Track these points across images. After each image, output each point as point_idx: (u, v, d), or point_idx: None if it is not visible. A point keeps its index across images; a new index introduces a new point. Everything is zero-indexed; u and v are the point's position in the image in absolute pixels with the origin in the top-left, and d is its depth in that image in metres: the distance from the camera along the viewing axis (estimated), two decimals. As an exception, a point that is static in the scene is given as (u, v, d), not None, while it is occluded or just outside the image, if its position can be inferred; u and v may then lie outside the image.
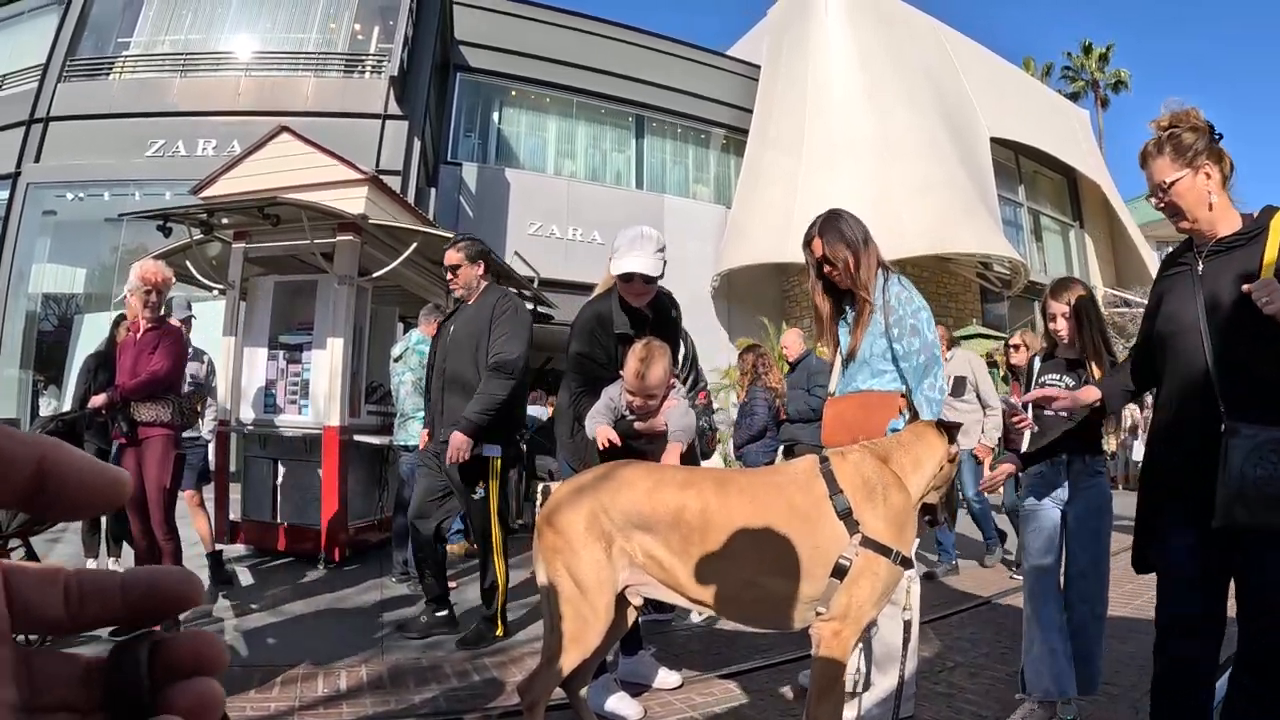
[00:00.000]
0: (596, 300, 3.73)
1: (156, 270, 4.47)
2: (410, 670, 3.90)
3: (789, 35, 18.06)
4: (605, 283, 3.74)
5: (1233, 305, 2.17)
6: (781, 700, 3.57)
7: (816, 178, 15.99)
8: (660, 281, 3.70)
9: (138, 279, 4.41)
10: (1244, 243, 2.23)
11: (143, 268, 4.46)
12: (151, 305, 4.46)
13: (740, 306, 16.91)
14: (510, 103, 16.97)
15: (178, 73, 14.17)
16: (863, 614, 2.45)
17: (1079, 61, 36.20)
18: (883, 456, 2.63)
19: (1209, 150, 2.26)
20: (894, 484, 2.55)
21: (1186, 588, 2.31)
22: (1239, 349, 2.18)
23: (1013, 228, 19.31)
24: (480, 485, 4.42)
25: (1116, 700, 3.50)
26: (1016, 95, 20.23)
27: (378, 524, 7.31)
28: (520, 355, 4.38)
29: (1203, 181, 2.26)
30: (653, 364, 3.18)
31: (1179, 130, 2.29)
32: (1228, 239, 2.26)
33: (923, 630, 4.76)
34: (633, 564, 2.67)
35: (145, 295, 4.42)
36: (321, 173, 7.11)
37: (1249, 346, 2.15)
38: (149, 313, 4.47)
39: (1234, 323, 2.18)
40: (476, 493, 4.42)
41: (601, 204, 16.58)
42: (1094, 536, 3.27)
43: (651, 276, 3.52)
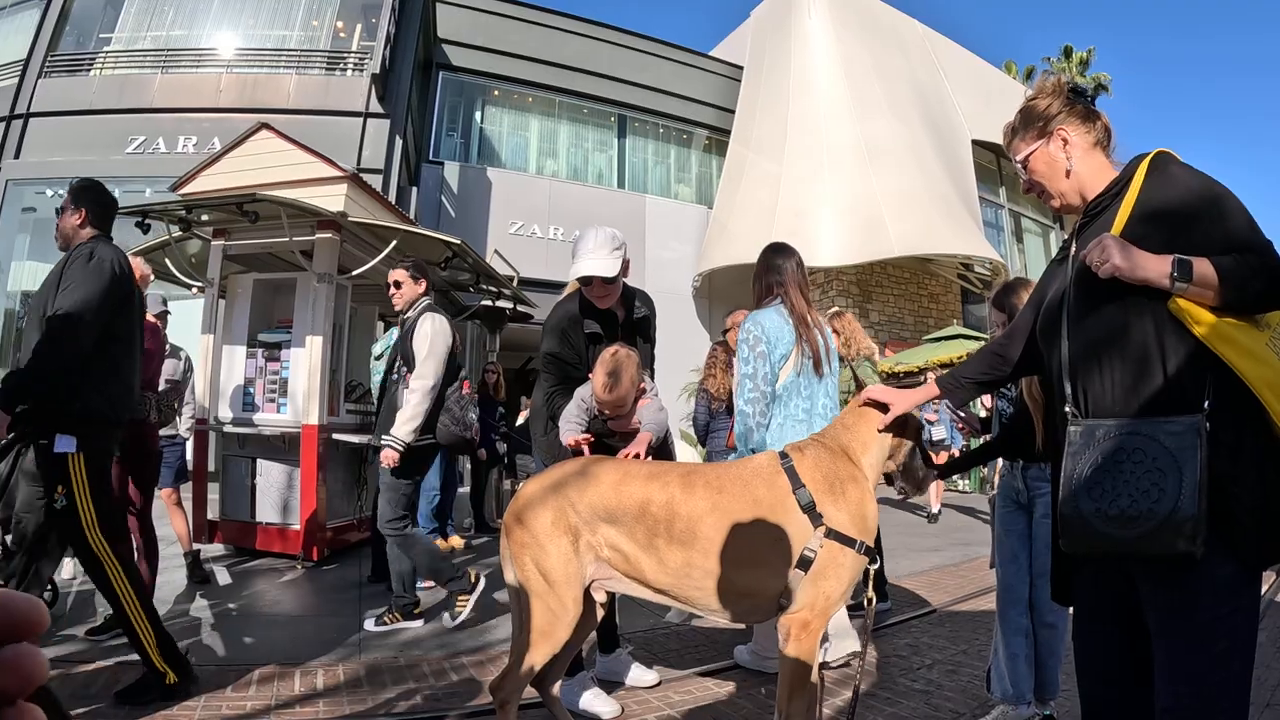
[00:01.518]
0: (567, 299, 3.70)
1: (135, 266, 4.44)
2: (387, 669, 3.90)
3: (772, 36, 18.12)
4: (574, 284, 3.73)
5: (1089, 280, 1.87)
6: (757, 698, 3.59)
7: (798, 179, 16.07)
8: (636, 280, 3.69)
9: None
10: (1108, 202, 1.96)
11: None
12: None
13: (721, 306, 16.94)
14: (493, 102, 16.95)
15: (159, 69, 14.10)
16: (830, 605, 2.47)
17: (1060, 66, 36.40)
18: (836, 447, 2.65)
19: (1067, 113, 2.02)
20: (852, 475, 2.57)
21: (1090, 633, 2.01)
22: (1092, 332, 1.88)
23: (994, 229, 19.44)
24: (59, 492, 3.27)
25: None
26: (998, 98, 20.33)
27: (357, 523, 7.30)
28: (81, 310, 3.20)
29: (1057, 148, 2.02)
30: (621, 376, 3.17)
31: (1031, 104, 2.10)
32: (1093, 203, 2.00)
33: (903, 627, 4.82)
34: (598, 558, 2.69)
35: None
36: (301, 170, 7.09)
37: (1103, 324, 1.86)
38: None
39: (1089, 301, 1.90)
40: (56, 501, 3.26)
41: (583, 203, 16.60)
42: (1046, 545, 3.09)
43: (609, 277, 3.42)
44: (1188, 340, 1.71)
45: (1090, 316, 1.89)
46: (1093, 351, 1.87)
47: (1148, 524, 1.65)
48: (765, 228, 15.95)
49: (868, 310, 16.71)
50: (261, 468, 6.81)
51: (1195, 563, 1.63)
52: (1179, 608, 1.69)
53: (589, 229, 3.49)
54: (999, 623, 3.30)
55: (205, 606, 5.05)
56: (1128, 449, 1.71)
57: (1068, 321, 1.94)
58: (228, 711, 3.25)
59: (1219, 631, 1.66)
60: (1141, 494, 1.66)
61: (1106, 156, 2.03)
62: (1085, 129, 2.02)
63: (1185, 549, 1.61)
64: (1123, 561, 1.81)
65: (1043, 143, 2.04)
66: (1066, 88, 2.06)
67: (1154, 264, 1.71)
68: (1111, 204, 1.93)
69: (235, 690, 3.50)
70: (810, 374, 3.77)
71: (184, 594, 5.33)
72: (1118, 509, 1.69)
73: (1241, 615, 1.69)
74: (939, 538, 8.38)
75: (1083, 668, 2.03)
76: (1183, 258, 1.69)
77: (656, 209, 17.59)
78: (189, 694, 3.37)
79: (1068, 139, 2.01)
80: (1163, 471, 1.65)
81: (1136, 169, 1.91)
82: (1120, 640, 1.90)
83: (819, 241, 15.43)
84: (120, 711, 3.20)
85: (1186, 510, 1.60)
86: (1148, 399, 1.74)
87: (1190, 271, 1.67)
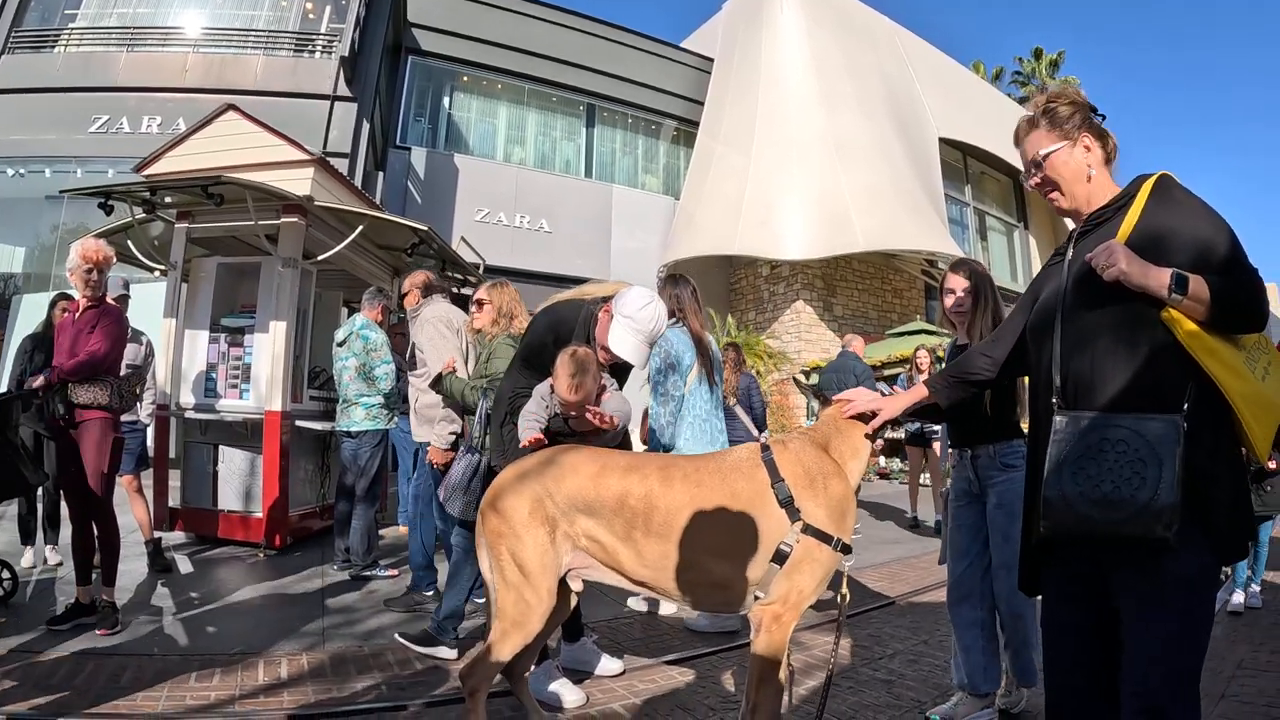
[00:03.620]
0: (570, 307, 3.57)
1: (98, 248, 4.36)
2: (352, 658, 3.88)
3: (743, 30, 18.13)
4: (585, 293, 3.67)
5: (1088, 282, 1.99)
6: (722, 687, 3.63)
7: (766, 172, 16.11)
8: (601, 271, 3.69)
9: (78, 257, 4.29)
10: (1110, 215, 2.07)
11: (83, 246, 4.35)
12: (92, 284, 4.34)
13: (687, 297, 16.93)
14: (461, 88, 16.80)
15: (124, 47, 13.75)
16: (803, 599, 2.51)
17: (1029, 67, 36.94)
18: (823, 444, 2.69)
19: (1087, 125, 2.13)
20: (834, 472, 2.60)
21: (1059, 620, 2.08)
22: (1085, 329, 1.99)
23: (958, 227, 19.63)
24: None
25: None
26: (966, 97, 20.54)
27: (319, 511, 7.24)
28: None
29: (1081, 154, 2.12)
30: (585, 377, 3.16)
31: (1055, 105, 2.17)
32: (1095, 214, 2.12)
33: (864, 618, 4.89)
34: (575, 548, 2.71)
35: (86, 274, 4.30)
36: (267, 153, 6.98)
37: (1097, 324, 1.97)
38: (89, 292, 4.35)
39: (1085, 301, 2.01)
40: None
41: (550, 192, 16.53)
42: (1004, 536, 3.13)
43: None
44: (1174, 347, 1.84)
45: (1084, 315, 2.00)
46: (1084, 348, 1.98)
47: (1128, 509, 1.76)
48: (732, 220, 16.02)
49: (832, 304, 16.84)
50: (224, 454, 6.71)
51: (1171, 549, 1.74)
52: (1155, 594, 1.80)
53: (651, 304, 3.37)
54: (950, 618, 3.36)
55: (167, 595, 4.99)
56: (1111, 439, 1.81)
57: (1061, 319, 2.05)
58: (192, 702, 3.22)
59: (1190, 618, 1.79)
60: (1124, 481, 1.77)
61: (1110, 174, 2.16)
62: (1100, 144, 2.14)
63: (1161, 534, 1.72)
64: (1097, 550, 1.90)
65: (1067, 144, 2.13)
66: (1086, 103, 2.16)
67: (1155, 275, 1.83)
68: (1114, 217, 2.04)
69: (199, 680, 3.47)
70: (706, 383, 4.55)
71: (145, 583, 5.26)
72: (1101, 493, 1.79)
73: (1208, 605, 1.84)
74: (898, 530, 8.49)
75: (1050, 656, 2.10)
76: (1181, 272, 1.82)
77: (623, 199, 17.55)
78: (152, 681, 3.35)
79: (1089, 147, 2.12)
80: (1144, 462, 1.76)
81: (1141, 187, 2.03)
82: (1088, 627, 1.99)
83: (785, 234, 15.51)
84: (82, 702, 3.16)
85: (1165, 499, 1.72)
86: (1133, 396, 1.85)
87: (1187, 286, 1.80)
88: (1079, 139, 2.12)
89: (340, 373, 5.92)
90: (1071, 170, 2.13)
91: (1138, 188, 2.05)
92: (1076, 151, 2.12)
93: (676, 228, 17.26)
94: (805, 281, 16.53)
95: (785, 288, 16.83)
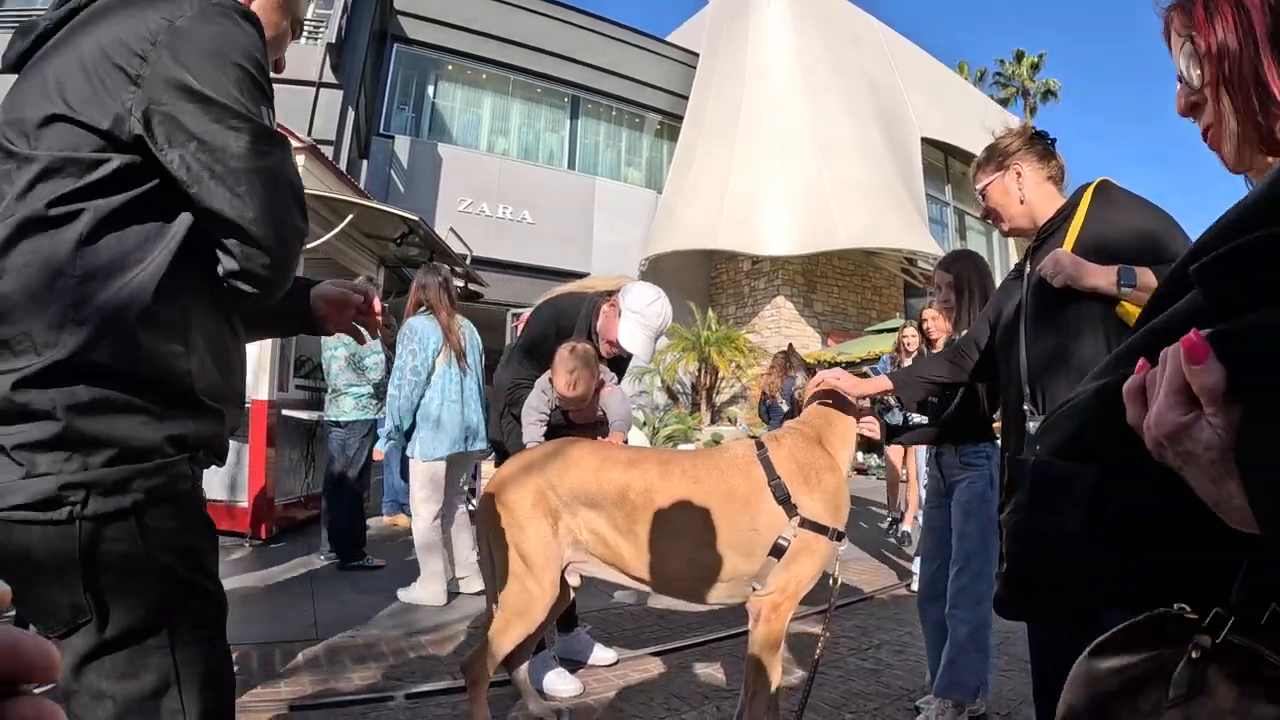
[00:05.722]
0: (571, 301, 3.62)
1: None
2: (346, 649, 3.90)
3: (729, 25, 18.14)
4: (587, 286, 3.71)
5: (1044, 292, 2.12)
6: (714, 676, 3.68)
7: (749, 168, 16.16)
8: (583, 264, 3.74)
9: None
10: (1057, 226, 2.25)
11: None
12: None
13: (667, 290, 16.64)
14: (446, 77, 16.72)
15: None
16: (801, 588, 2.57)
17: (1010, 69, 37.25)
18: (814, 437, 2.75)
19: (1026, 150, 2.32)
20: (827, 465, 2.67)
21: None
22: (1048, 337, 2.14)
23: (938, 225, 19.79)
24: None
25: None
26: (949, 97, 20.67)
27: (305, 501, 7.22)
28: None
29: (1011, 179, 2.32)
30: (583, 373, 3.19)
31: (995, 143, 2.40)
32: (1043, 227, 2.30)
33: (850, 609, 4.96)
34: (576, 541, 2.75)
35: None
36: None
37: (1059, 329, 2.11)
38: None
39: (1044, 310, 2.15)
40: None
41: (533, 183, 16.49)
42: (959, 534, 3.13)
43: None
44: None
45: (1046, 324, 2.14)
46: (1049, 355, 2.12)
47: None
48: (714, 215, 16.06)
49: (812, 300, 16.95)
50: (208, 442, 6.66)
51: None
52: None
53: (657, 301, 3.44)
54: (920, 618, 3.43)
55: (153, 582, 4.97)
56: None
57: (1025, 330, 2.20)
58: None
59: None
60: None
61: (1058, 190, 2.34)
62: (1040, 165, 2.32)
63: None
64: None
65: (1000, 174, 2.35)
66: (1030, 131, 2.36)
67: (1101, 273, 1.97)
68: (1061, 227, 2.22)
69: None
70: (456, 366, 4.87)
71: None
72: None
73: None
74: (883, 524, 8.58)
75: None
76: (1126, 266, 1.95)
77: (606, 191, 17.53)
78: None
79: (1021, 172, 2.31)
80: None
81: (1082, 196, 2.20)
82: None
83: (767, 230, 15.57)
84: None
85: None
86: None
87: (1134, 277, 1.93)
88: (1011, 166, 2.32)
89: (329, 362, 5.91)
90: (1005, 195, 2.35)
91: (1079, 197, 2.22)
92: (1008, 178, 2.33)
93: (658, 221, 17.28)
94: (786, 277, 16.61)
95: (766, 283, 16.91)
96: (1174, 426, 0.55)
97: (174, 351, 1.23)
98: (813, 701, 3.27)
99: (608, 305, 3.45)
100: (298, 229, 1.32)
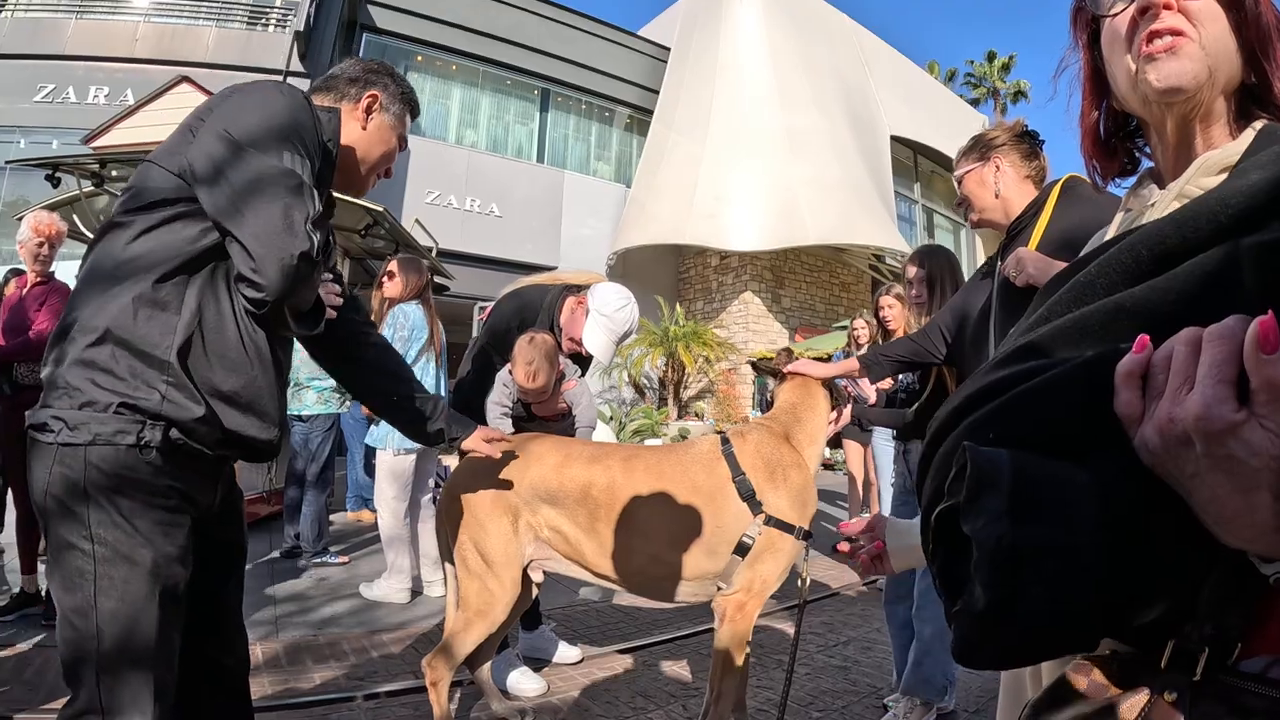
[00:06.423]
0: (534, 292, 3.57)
1: (51, 222, 4.20)
2: (307, 648, 3.83)
3: (701, 20, 18.10)
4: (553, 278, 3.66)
5: (1010, 291, 2.12)
6: (680, 674, 3.66)
7: (719, 163, 16.15)
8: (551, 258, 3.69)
9: (30, 230, 4.12)
10: (1026, 223, 2.27)
11: (35, 219, 4.19)
12: (42, 259, 4.16)
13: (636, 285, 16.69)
14: (415, 68, 16.51)
15: (74, 14, 13.25)
16: (766, 588, 2.54)
17: (981, 70, 37.57)
18: (781, 434, 2.72)
19: (1011, 145, 2.34)
20: (794, 462, 2.64)
21: None
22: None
23: (906, 223, 19.91)
24: None
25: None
26: (919, 97, 20.80)
27: (267, 496, 7.10)
28: None
29: (990, 171, 2.34)
30: (542, 365, 3.15)
31: (981, 135, 2.43)
32: (1013, 224, 2.32)
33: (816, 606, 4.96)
34: (538, 538, 2.71)
35: (36, 248, 4.13)
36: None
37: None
38: (39, 267, 4.18)
39: (1010, 309, 2.13)
40: None
41: (501, 176, 16.35)
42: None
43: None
44: None
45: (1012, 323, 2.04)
46: None
47: None
48: (683, 210, 16.03)
49: (780, 296, 16.98)
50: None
51: None
52: None
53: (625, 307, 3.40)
54: (885, 616, 3.43)
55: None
56: None
57: (994, 328, 2.18)
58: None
59: None
60: None
61: (1036, 190, 2.33)
62: (1021, 163, 2.33)
63: None
64: None
65: (979, 165, 2.36)
66: (1020, 129, 2.36)
67: None
68: (1029, 224, 2.23)
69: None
70: (434, 363, 4.88)
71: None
72: None
73: None
74: (845, 521, 8.62)
75: None
76: None
77: (575, 185, 17.43)
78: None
79: (1000, 166, 2.32)
80: None
81: (1050, 193, 2.21)
82: None
83: (735, 226, 15.57)
84: (35, 697, 3.07)
85: None
86: None
87: None
88: (992, 159, 2.34)
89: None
90: (980, 186, 2.37)
91: (1047, 194, 2.23)
92: (986, 170, 2.35)
93: (627, 215, 17.22)
94: (754, 273, 16.63)
95: (734, 278, 16.91)
96: (1225, 424, 0.48)
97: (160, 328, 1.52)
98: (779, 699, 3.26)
99: (574, 301, 3.40)
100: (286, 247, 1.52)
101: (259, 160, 1.52)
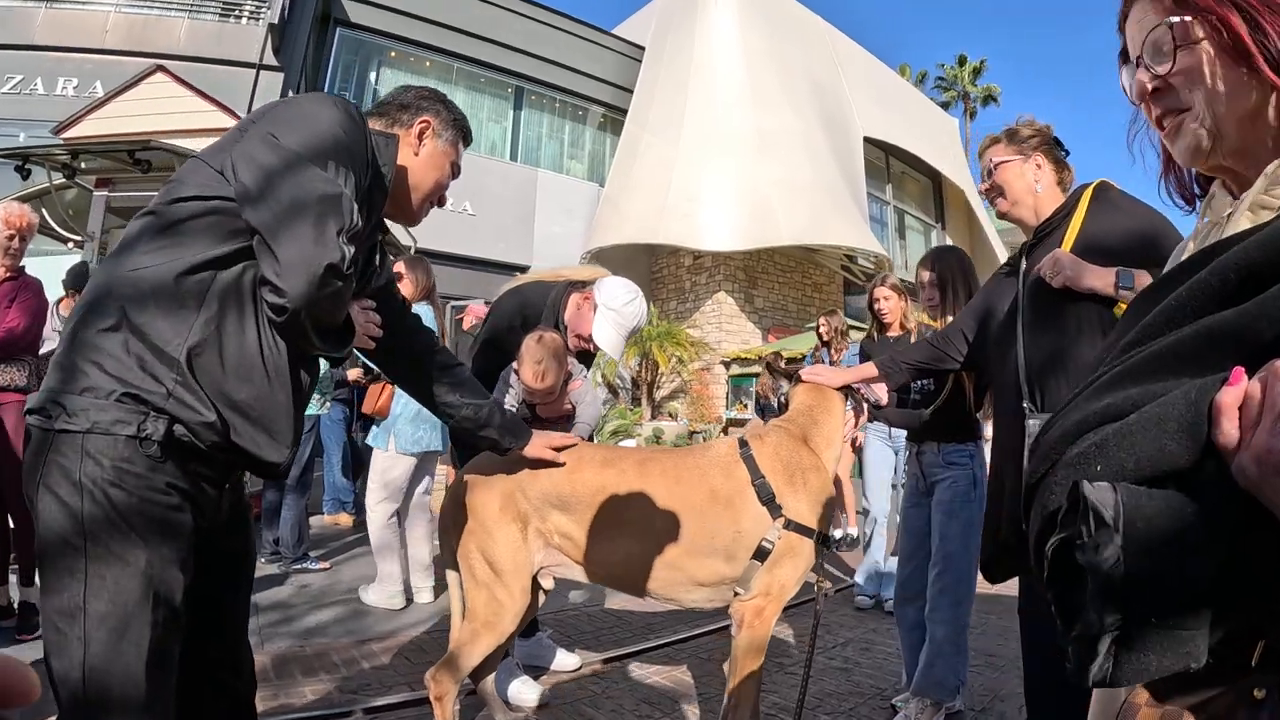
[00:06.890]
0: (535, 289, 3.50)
1: (22, 214, 4.02)
2: (294, 659, 3.70)
3: (676, 20, 18.06)
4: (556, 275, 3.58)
5: (1042, 292, 2.13)
6: (681, 680, 3.60)
7: (692, 163, 16.12)
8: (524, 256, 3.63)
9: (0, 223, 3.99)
10: (1056, 225, 2.25)
11: (6, 210, 4.00)
12: (12, 253, 3.98)
13: (610, 285, 16.78)
14: (389, 63, 16.30)
15: (43, 3, 12.88)
16: (785, 592, 2.50)
17: (952, 73, 37.97)
18: (800, 436, 2.68)
19: (1045, 149, 2.33)
20: (813, 466, 2.60)
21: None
22: (1046, 336, 2.12)
23: (878, 224, 20.01)
24: None
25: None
26: (891, 98, 20.92)
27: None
28: None
29: (1032, 169, 2.32)
30: (550, 365, 3.08)
31: (1018, 127, 2.40)
32: (1042, 225, 2.30)
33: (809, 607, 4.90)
34: (548, 545, 2.63)
35: (7, 241, 3.96)
36: (197, 118, 6.65)
37: (1057, 329, 2.10)
38: (9, 261, 3.99)
39: (1042, 310, 2.15)
40: None
41: (474, 174, 16.16)
42: (941, 535, 3.11)
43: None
44: None
45: (1043, 324, 2.13)
46: (1047, 355, 2.09)
47: None
48: (656, 209, 15.98)
49: (753, 296, 16.98)
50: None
51: None
52: None
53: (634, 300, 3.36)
54: (896, 618, 3.43)
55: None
56: None
57: (1022, 329, 2.17)
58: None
59: None
60: None
61: (1063, 197, 2.32)
62: (1056, 168, 2.33)
63: None
64: None
65: (1020, 158, 2.33)
66: (1052, 135, 2.36)
67: (1100, 275, 1.98)
68: (1059, 226, 2.21)
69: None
70: None
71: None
72: None
73: None
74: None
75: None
76: (1125, 269, 1.96)
77: (548, 184, 17.32)
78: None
79: (1042, 165, 2.31)
80: None
81: (1081, 196, 2.20)
82: None
83: (709, 225, 15.53)
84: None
85: None
86: None
87: (1133, 279, 1.94)
88: (1032, 157, 2.32)
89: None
90: (1020, 181, 2.33)
91: (1078, 197, 2.21)
92: (1028, 167, 2.32)
93: (601, 214, 17.14)
94: (727, 273, 16.62)
95: (707, 278, 16.89)
96: None
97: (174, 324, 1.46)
98: (785, 703, 3.24)
99: (580, 297, 3.34)
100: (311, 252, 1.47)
101: (300, 166, 1.49)
